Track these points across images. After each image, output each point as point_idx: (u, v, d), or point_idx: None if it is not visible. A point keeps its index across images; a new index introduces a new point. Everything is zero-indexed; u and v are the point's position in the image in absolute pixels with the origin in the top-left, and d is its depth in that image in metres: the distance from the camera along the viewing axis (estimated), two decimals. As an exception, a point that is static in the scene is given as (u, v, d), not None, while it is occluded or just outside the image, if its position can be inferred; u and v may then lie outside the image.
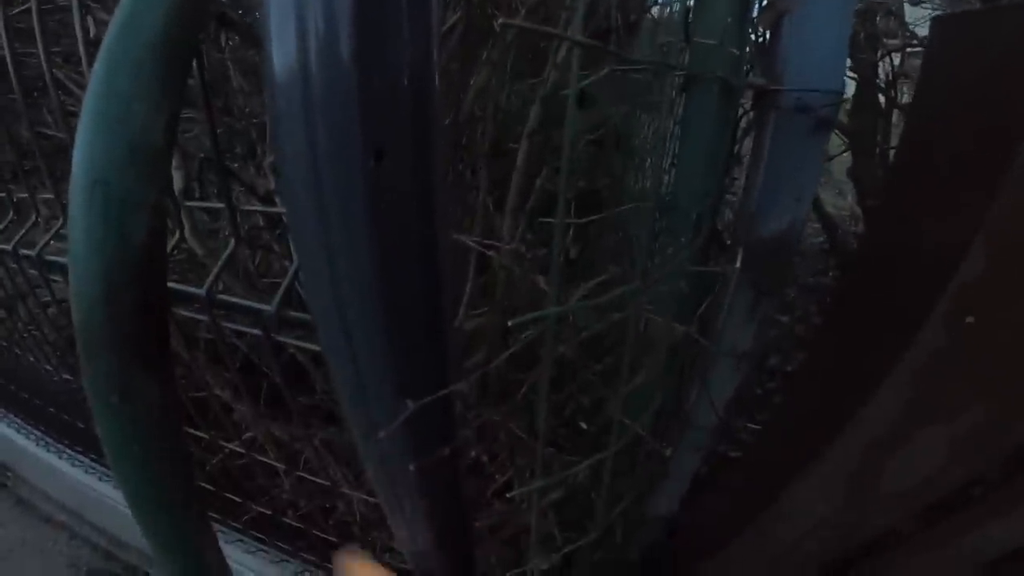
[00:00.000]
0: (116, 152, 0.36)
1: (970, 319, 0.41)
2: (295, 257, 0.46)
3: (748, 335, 0.61)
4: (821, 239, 1.52)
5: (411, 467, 0.40)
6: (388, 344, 0.30)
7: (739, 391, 0.66)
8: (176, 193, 0.57)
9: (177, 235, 0.49)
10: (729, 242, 0.59)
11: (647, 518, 0.83)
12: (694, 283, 0.57)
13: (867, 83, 1.14)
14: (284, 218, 0.61)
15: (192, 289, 0.43)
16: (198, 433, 0.77)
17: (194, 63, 0.44)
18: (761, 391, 1.15)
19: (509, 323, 0.33)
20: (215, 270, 0.43)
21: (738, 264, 0.56)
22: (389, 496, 0.47)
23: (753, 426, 1.00)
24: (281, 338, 0.49)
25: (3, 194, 0.74)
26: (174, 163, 0.58)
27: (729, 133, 0.57)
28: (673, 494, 0.81)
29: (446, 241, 0.31)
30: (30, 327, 0.93)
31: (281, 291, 0.41)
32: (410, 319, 0.31)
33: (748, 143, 0.60)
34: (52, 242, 0.64)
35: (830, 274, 1.48)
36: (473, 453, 0.62)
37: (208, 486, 0.87)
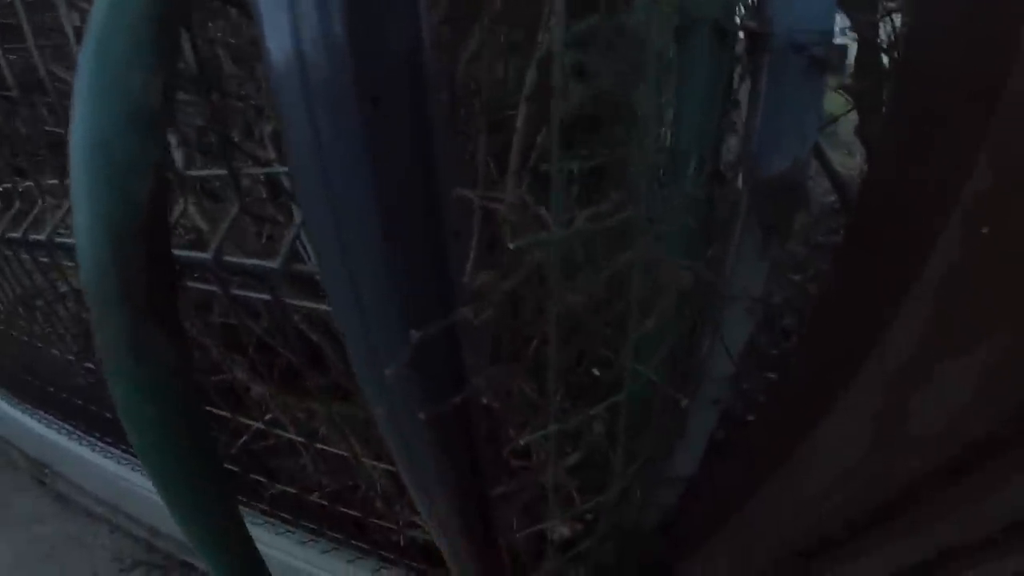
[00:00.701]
0: (114, 115, 0.37)
1: (985, 230, 0.41)
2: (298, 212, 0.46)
3: (759, 277, 0.61)
4: (831, 198, 1.50)
5: (420, 415, 0.40)
6: (388, 266, 0.30)
7: (753, 339, 0.65)
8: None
9: (181, 207, 0.50)
10: (732, 183, 0.59)
11: (665, 479, 0.83)
12: (699, 226, 0.57)
13: (868, 44, 1.14)
14: (284, 179, 0.62)
15: (199, 254, 0.44)
16: (220, 412, 0.78)
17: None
18: (776, 352, 1.14)
19: (511, 245, 0.33)
20: (219, 233, 0.44)
21: (744, 201, 0.56)
22: (403, 457, 0.47)
23: (770, 376, 1.00)
24: (290, 300, 0.50)
25: (8, 185, 0.75)
26: (174, 142, 0.59)
27: (725, 77, 0.57)
28: (691, 454, 0.81)
29: (448, 168, 0.31)
30: (50, 317, 0.95)
31: (286, 248, 0.41)
32: (411, 241, 0.31)
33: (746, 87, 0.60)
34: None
35: (841, 232, 1.46)
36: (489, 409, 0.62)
37: (233, 468, 0.89)
